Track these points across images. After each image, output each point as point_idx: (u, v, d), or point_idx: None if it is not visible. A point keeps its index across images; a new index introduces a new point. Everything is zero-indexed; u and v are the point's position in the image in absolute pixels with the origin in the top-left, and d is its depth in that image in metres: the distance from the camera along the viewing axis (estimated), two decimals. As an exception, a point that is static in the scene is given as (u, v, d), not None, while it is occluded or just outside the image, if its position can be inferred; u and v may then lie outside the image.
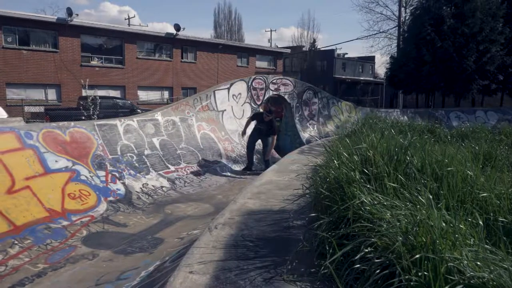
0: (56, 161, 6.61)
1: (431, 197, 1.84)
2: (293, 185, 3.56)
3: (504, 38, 22.44)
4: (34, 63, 20.31)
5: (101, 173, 7.27)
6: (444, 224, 1.66)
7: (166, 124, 9.84)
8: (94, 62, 22.89)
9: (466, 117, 19.66)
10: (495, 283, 1.36)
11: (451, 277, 1.41)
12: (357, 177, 2.21)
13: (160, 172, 8.54)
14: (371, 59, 47.36)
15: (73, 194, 6.41)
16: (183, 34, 25.75)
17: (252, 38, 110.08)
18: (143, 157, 8.51)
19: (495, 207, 2.18)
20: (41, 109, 17.52)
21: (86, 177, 6.92)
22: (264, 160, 9.82)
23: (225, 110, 11.88)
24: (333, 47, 42.18)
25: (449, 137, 6.16)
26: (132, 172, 7.93)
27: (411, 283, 1.41)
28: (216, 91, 11.80)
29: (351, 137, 3.95)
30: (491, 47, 22.15)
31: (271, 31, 49.80)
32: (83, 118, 12.82)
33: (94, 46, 23.04)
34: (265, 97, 13.58)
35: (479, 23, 21.90)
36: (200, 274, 1.74)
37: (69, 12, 21.26)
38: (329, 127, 15.71)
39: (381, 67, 48.18)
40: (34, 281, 4.31)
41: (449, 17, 22.24)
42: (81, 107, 14.75)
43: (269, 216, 2.61)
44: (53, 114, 14.89)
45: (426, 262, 1.45)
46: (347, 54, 48.67)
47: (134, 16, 53.19)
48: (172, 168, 8.93)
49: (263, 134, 9.65)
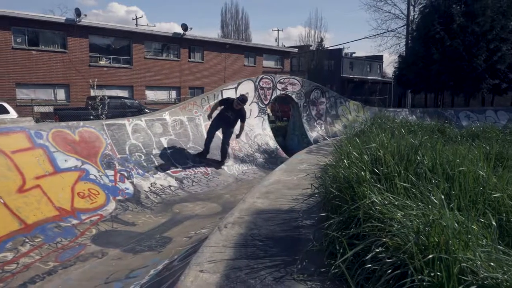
0: (66, 160, 6.66)
1: (443, 197, 1.83)
2: (301, 184, 3.55)
3: (515, 36, 22.17)
4: (43, 64, 20.52)
5: (110, 172, 7.32)
6: (456, 225, 1.65)
7: (174, 124, 9.88)
8: (102, 62, 23.05)
9: (476, 116, 19.44)
10: (508, 284, 1.35)
11: (464, 278, 1.39)
12: (368, 176, 2.20)
13: (168, 172, 8.57)
14: (379, 58, 47.08)
15: (83, 193, 6.47)
16: (190, 34, 25.82)
17: (259, 37, 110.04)
18: (151, 156, 8.55)
19: (507, 208, 2.15)
20: (50, 109, 17.70)
21: (95, 176, 6.97)
22: (223, 148, 9.28)
23: (232, 109, 11.89)
24: (341, 47, 42.02)
25: (459, 137, 6.10)
26: (140, 171, 7.96)
27: (424, 283, 1.40)
28: (223, 91, 11.81)
29: (360, 137, 3.93)
30: (501, 46, 21.88)
31: (278, 30, 49.81)
32: (91, 118, 12.92)
33: (102, 46, 23.20)
34: (273, 97, 13.58)
35: (490, 21, 21.65)
36: (211, 272, 1.74)
37: (78, 13, 21.42)
38: (336, 127, 15.65)
39: (389, 66, 47.89)
40: (45, 279, 4.36)
41: (459, 15, 22.00)
42: (89, 107, 14.87)
43: (278, 216, 2.60)
44: (62, 114, 15.04)
45: (438, 263, 1.43)
46: (354, 53, 48.49)
47: (142, 16, 53.65)
48: (180, 167, 8.96)
49: (228, 122, 9.06)
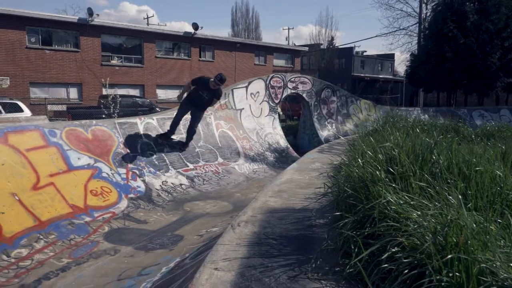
0: (79, 158, 6.74)
1: (460, 197, 1.80)
2: (314, 183, 3.53)
3: (530, 34, 21.75)
4: (56, 63, 20.80)
5: (122, 170, 7.38)
6: (474, 225, 1.62)
7: (184, 123, 9.91)
8: (114, 62, 23.27)
9: (490, 115, 19.14)
10: (529, 285, 1.32)
11: (484, 278, 1.37)
12: (382, 176, 2.18)
13: (179, 170, 8.61)
14: (390, 56, 46.66)
15: (95, 190, 6.53)
16: (201, 33, 25.91)
17: (270, 36, 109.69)
18: (163, 155, 8.60)
19: (526, 208, 2.11)
20: (63, 107, 17.94)
21: (107, 174, 7.03)
22: (190, 130, 8.58)
23: (243, 108, 11.90)
24: (352, 45, 41.81)
25: (473, 136, 6.01)
26: (152, 169, 8.01)
27: (442, 283, 1.38)
28: (234, 90, 11.83)
29: (373, 136, 3.89)
30: (516, 44, 21.51)
31: (288, 29, 49.71)
32: (103, 116, 13.05)
33: (114, 45, 23.43)
34: (283, 96, 13.55)
35: (504, 19, 21.28)
36: (225, 271, 1.75)
37: (90, 12, 21.66)
38: (347, 126, 15.56)
39: (401, 65, 47.42)
40: (59, 275, 4.42)
41: (473, 13, 21.67)
42: (101, 106, 15.03)
43: (291, 215, 2.59)
44: (74, 112, 15.22)
45: (457, 263, 1.41)
46: (365, 51, 48.15)
47: (153, 16, 54.04)
48: (191, 166, 8.99)
49: (202, 104, 8.27)
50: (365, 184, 2.15)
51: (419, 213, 1.84)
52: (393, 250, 1.65)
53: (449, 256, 1.42)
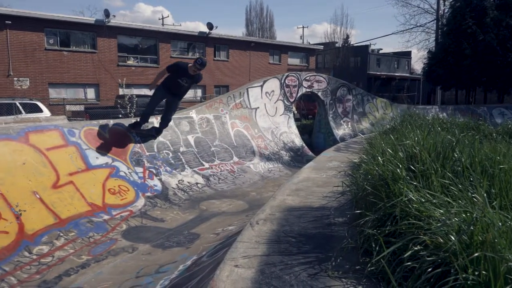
0: (97, 157, 6.84)
1: (485, 195, 1.76)
2: (331, 182, 3.50)
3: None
4: (74, 64, 21.18)
5: (139, 169, 7.47)
6: (500, 224, 1.58)
7: (200, 122, 9.98)
8: (130, 62, 23.56)
9: (511, 113, 18.66)
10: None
11: (511, 277, 1.34)
12: (403, 174, 2.14)
13: (195, 169, 8.67)
14: (407, 54, 45.98)
15: (113, 189, 6.62)
16: (215, 32, 26.02)
17: (284, 35, 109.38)
18: (179, 154, 8.67)
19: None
20: (81, 107, 18.28)
21: (125, 173, 7.12)
22: (166, 119, 7.91)
23: (258, 107, 11.91)
24: (367, 43, 41.36)
25: (494, 134, 5.87)
26: (168, 168, 8.09)
27: (468, 282, 1.35)
28: (249, 89, 11.84)
29: (391, 134, 3.84)
30: (538, 40, 20.92)
31: (303, 27, 49.43)
32: (120, 116, 13.22)
33: (130, 46, 23.72)
34: (298, 94, 13.50)
35: (526, 14, 20.73)
36: (245, 268, 1.75)
37: (107, 14, 21.98)
38: (363, 125, 15.40)
39: (418, 63, 46.70)
40: (79, 271, 4.50)
41: (493, 8, 21.17)
42: (118, 106, 15.24)
43: (309, 213, 2.58)
44: (92, 112, 15.48)
45: (483, 262, 1.38)
46: (381, 49, 47.57)
47: (168, 16, 54.50)
48: (207, 165, 9.05)
49: (179, 93, 7.55)
50: (386, 182, 2.12)
51: (441, 211, 1.81)
52: (416, 248, 1.62)
53: (476, 254, 1.39)
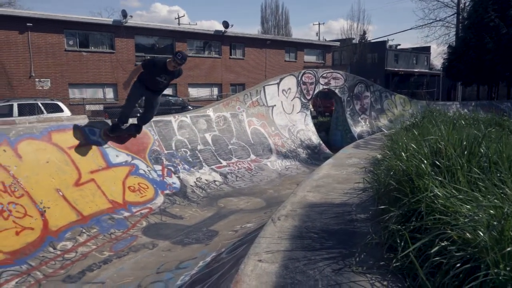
0: (117, 155, 6.95)
1: (515, 190, 1.71)
2: (352, 179, 3.47)
3: None
4: (93, 64, 21.55)
5: (158, 167, 7.56)
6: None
7: (217, 120, 10.03)
8: (148, 62, 23.83)
9: (535, 108, 18.12)
10: None
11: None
12: (429, 169, 2.10)
13: (213, 167, 8.72)
14: (426, 49, 45.03)
15: (133, 187, 6.73)
16: (231, 31, 26.07)
17: (300, 32, 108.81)
18: (196, 152, 8.74)
19: None
20: (100, 107, 18.60)
21: (144, 171, 7.22)
22: (147, 118, 7.31)
23: (275, 105, 11.88)
24: (385, 39, 40.70)
25: (520, 129, 5.70)
26: (186, 166, 8.16)
27: (500, 277, 1.32)
28: (266, 87, 11.83)
29: (412, 130, 3.77)
30: None
31: (319, 24, 49.05)
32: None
33: (147, 46, 23.99)
34: (315, 92, 13.41)
35: (551, 6, 20.06)
36: (269, 262, 1.75)
37: (124, 14, 22.26)
38: (381, 122, 15.20)
39: (437, 58, 45.71)
40: (101, 267, 4.59)
41: (516, 0, 20.56)
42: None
43: (330, 209, 2.56)
44: (111, 112, 15.71)
45: (515, 258, 1.35)
46: (399, 45, 46.73)
47: (184, 15, 54.85)
48: (224, 163, 9.09)
49: (158, 90, 6.95)
50: (410, 178, 2.09)
51: (468, 207, 1.77)
52: (443, 244, 1.59)
53: (508, 249, 1.36)
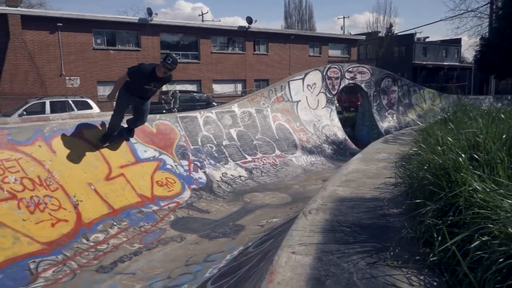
0: (145, 151, 7.10)
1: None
2: (382, 174, 3.42)
3: None
4: (119, 62, 22.04)
5: (184, 162, 7.68)
6: None
7: (242, 116, 10.07)
8: (173, 59, 24.14)
9: None
10: None
11: None
12: (467, 163, 2.04)
13: (238, 162, 8.77)
14: (456, 41, 43.48)
15: (161, 181, 6.86)
16: (254, 26, 26.05)
17: (324, 26, 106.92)
18: (222, 147, 8.81)
19: None
20: (127, 104, 18.99)
21: (171, 166, 7.34)
22: (138, 123, 6.67)
23: (299, 100, 11.81)
24: (413, 31, 39.48)
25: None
26: (212, 161, 8.25)
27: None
28: (290, 82, 11.77)
29: (446, 124, 3.67)
30: None
31: (344, 18, 48.18)
32: (164, 111, 13.62)
33: (171, 43, 24.32)
34: (341, 86, 13.23)
35: None
36: (303, 255, 1.75)
37: (149, 12, 22.64)
38: (409, 117, 14.85)
39: (468, 50, 44.15)
40: (132, 258, 4.71)
41: (554, -12, 19.55)
42: (162, 101, 15.71)
43: (362, 204, 2.53)
44: (138, 108, 16.03)
45: None
46: (428, 37, 45.36)
47: (207, 12, 55.10)
48: (249, 158, 9.13)
49: (147, 97, 6.35)
50: (447, 172, 2.04)
51: (510, 201, 1.71)
52: (483, 238, 1.55)
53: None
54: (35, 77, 19.02)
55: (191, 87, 23.84)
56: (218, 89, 25.49)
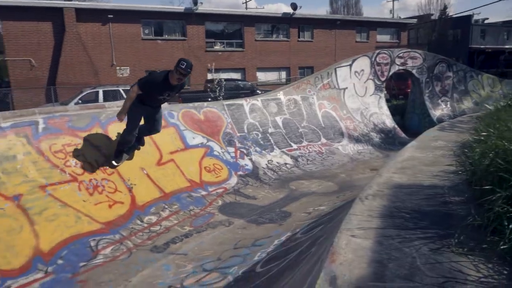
0: (193, 138, 7.29)
1: None
2: (440, 161, 3.27)
3: None
4: (166, 52, 22.57)
5: (231, 149, 7.80)
6: None
7: (288, 103, 10.02)
8: (217, 47, 24.39)
9: None
10: None
11: None
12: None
13: (283, 150, 8.78)
14: (521, 23, 40.01)
15: (209, 167, 7.03)
16: (299, 12, 25.59)
17: (372, 11, 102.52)
18: (267, 135, 8.85)
19: None
20: (174, 92, 19.48)
21: (218, 152, 7.50)
22: (153, 131, 6.14)
23: (346, 88, 11.54)
24: (470, 13, 36.78)
25: None
26: (257, 149, 8.31)
27: None
28: (337, 69, 11.51)
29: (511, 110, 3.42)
30: None
31: (393, 0, 45.80)
32: (209, 99, 13.85)
33: (216, 31, 24.53)
34: (390, 73, 12.73)
35: None
36: (362, 238, 1.73)
37: (194, 1, 22.91)
38: (465, 104, 14.02)
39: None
40: (183, 240, 4.89)
41: None
42: (208, 90, 15.96)
43: (420, 191, 2.44)
44: (184, 96, 16.43)
45: None
46: (487, 19, 42.16)
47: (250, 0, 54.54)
48: (295, 146, 9.10)
49: (160, 106, 5.96)
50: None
51: None
52: None
53: None
54: (89, 67, 20.02)
55: (236, 75, 24.00)
56: (262, 77, 25.46)
